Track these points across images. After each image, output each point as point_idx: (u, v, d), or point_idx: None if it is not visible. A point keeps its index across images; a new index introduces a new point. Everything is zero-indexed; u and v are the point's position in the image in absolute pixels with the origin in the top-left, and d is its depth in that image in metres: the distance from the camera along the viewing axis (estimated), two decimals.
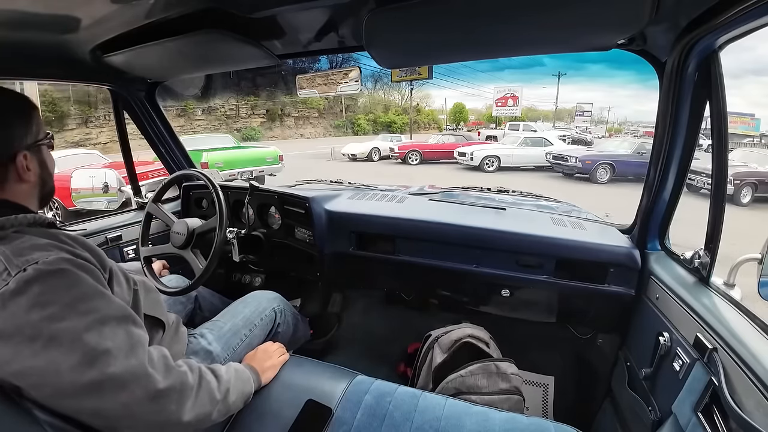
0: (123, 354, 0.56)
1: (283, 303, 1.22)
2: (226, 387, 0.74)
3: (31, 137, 0.66)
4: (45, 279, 0.54)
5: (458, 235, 1.33)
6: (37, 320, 0.52)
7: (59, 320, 0.53)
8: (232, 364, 0.85)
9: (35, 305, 0.52)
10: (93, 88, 8.62)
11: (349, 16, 0.90)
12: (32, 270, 0.53)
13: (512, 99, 20.73)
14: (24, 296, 0.52)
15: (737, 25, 0.67)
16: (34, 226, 0.63)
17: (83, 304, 0.56)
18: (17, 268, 0.53)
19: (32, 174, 0.66)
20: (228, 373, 0.78)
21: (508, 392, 1.13)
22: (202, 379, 0.68)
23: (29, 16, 0.78)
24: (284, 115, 28.52)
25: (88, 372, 0.53)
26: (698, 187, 6.12)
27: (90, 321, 0.55)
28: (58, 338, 0.52)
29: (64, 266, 0.56)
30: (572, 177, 9.95)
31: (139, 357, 0.58)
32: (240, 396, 0.80)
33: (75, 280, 0.56)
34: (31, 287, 0.52)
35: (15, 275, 0.53)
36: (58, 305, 0.53)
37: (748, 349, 0.66)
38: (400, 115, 33.85)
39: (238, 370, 0.83)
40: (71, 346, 0.53)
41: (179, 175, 1.48)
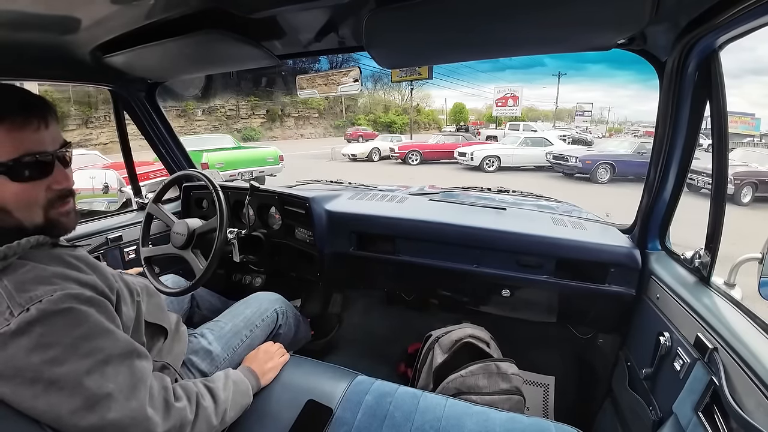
0: (124, 396, 0.56)
1: (285, 304, 1.22)
2: (224, 408, 0.74)
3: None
4: (48, 319, 0.51)
5: (458, 235, 1.33)
6: (38, 363, 0.50)
7: (60, 364, 0.51)
8: (231, 374, 0.83)
9: (37, 347, 0.50)
10: (93, 89, 8.63)
11: (349, 17, 0.90)
12: (35, 310, 0.51)
13: (512, 99, 20.73)
14: (25, 337, 0.50)
15: (737, 24, 0.67)
16: (38, 248, 0.58)
17: (86, 345, 0.54)
18: (20, 307, 0.51)
19: None
20: (226, 390, 0.77)
21: (508, 392, 1.13)
22: (199, 408, 0.68)
23: (29, 17, 0.78)
24: (284, 116, 28.54)
25: (88, 417, 0.52)
26: (699, 187, 6.11)
27: (92, 363, 0.54)
28: (59, 383, 0.51)
29: (69, 305, 0.53)
30: (572, 177, 9.95)
31: (140, 398, 0.57)
32: (238, 409, 0.80)
33: (80, 318, 0.54)
34: (34, 328, 0.50)
35: (17, 315, 0.50)
36: (60, 347, 0.52)
37: (748, 348, 0.66)
38: (401, 115, 33.86)
39: (236, 382, 0.82)
40: (72, 391, 0.52)
41: (179, 175, 1.48)
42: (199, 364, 0.90)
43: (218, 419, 0.71)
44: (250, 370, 0.91)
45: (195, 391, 0.70)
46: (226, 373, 0.82)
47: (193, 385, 0.72)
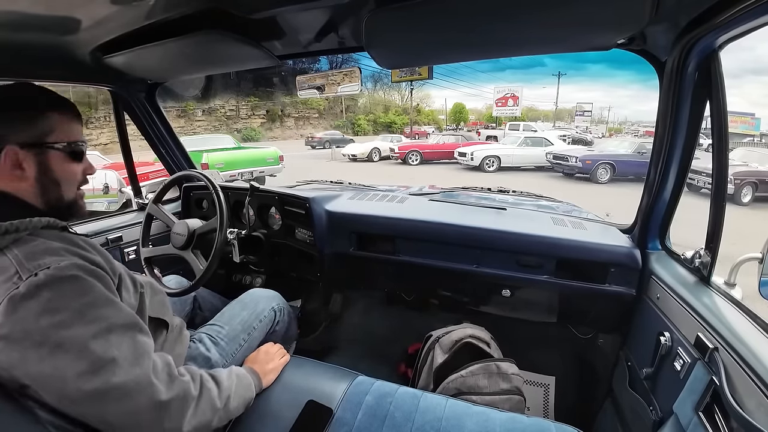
0: (128, 363, 0.57)
1: (281, 301, 1.21)
2: (227, 394, 0.74)
3: (32, 135, 0.63)
4: (56, 285, 0.54)
5: (458, 235, 1.33)
6: (46, 326, 0.52)
7: (67, 327, 0.53)
8: (234, 368, 0.84)
9: (45, 311, 0.52)
10: (93, 89, 8.64)
11: (349, 17, 0.90)
12: (43, 275, 0.53)
13: (512, 99, 20.74)
14: (34, 301, 0.52)
15: (737, 24, 0.67)
16: (47, 228, 0.62)
17: (92, 312, 0.56)
18: (29, 272, 0.53)
19: (26, 174, 0.63)
20: (230, 380, 0.78)
21: (508, 392, 1.13)
22: (203, 388, 0.69)
23: (29, 18, 0.78)
24: (284, 116, 28.57)
25: (93, 380, 0.54)
26: (699, 187, 6.11)
27: (97, 329, 0.55)
28: (65, 345, 0.53)
29: (75, 272, 0.56)
30: (573, 177, 9.94)
31: (144, 366, 0.59)
32: (241, 402, 0.80)
33: (85, 287, 0.57)
34: (42, 292, 0.52)
35: (26, 279, 0.53)
36: (67, 312, 0.54)
37: (749, 348, 0.66)
38: (401, 115, 33.90)
39: (239, 376, 0.83)
40: (78, 354, 0.53)
41: (180, 175, 1.48)
42: None
43: (221, 403, 0.71)
44: (252, 369, 0.91)
45: (199, 374, 0.71)
46: (229, 369, 0.83)
47: (197, 370, 0.72)
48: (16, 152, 0.61)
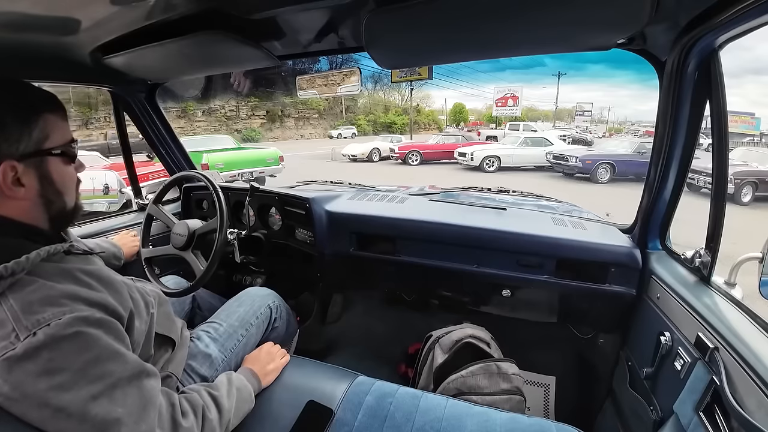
0: (133, 421, 0.54)
1: (277, 299, 1.21)
2: (228, 417, 0.74)
3: (28, 145, 0.55)
4: (56, 344, 0.49)
5: (459, 235, 1.33)
6: (45, 389, 0.49)
7: (68, 390, 0.50)
8: (235, 380, 0.82)
9: (43, 372, 0.49)
10: (93, 90, 8.66)
11: (349, 17, 0.90)
12: (42, 335, 0.49)
13: (512, 99, 20.74)
14: (32, 362, 0.48)
15: (737, 24, 0.67)
16: (49, 260, 0.56)
17: (96, 369, 0.52)
18: (27, 330, 0.49)
19: (27, 190, 0.56)
20: (230, 399, 0.76)
21: (509, 392, 1.13)
22: (205, 422, 0.68)
23: (29, 18, 0.78)
24: (284, 116, 28.57)
25: None
26: (699, 187, 6.11)
27: (101, 387, 0.52)
28: (67, 410, 0.50)
29: (77, 329, 0.51)
30: (573, 177, 9.94)
31: (149, 421, 0.56)
32: (240, 416, 0.80)
33: (89, 341, 0.52)
34: (41, 353, 0.49)
35: (24, 340, 0.48)
36: (68, 373, 0.50)
37: (749, 348, 0.66)
38: (400, 115, 33.89)
39: (240, 389, 0.81)
40: (80, 418, 0.50)
41: (180, 176, 1.48)
42: (198, 368, 0.90)
43: (222, 428, 0.72)
44: (252, 372, 0.91)
45: (201, 405, 0.69)
46: (229, 379, 0.82)
47: (198, 396, 0.71)
48: (15, 167, 0.54)
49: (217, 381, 0.81)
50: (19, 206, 0.56)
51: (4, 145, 0.53)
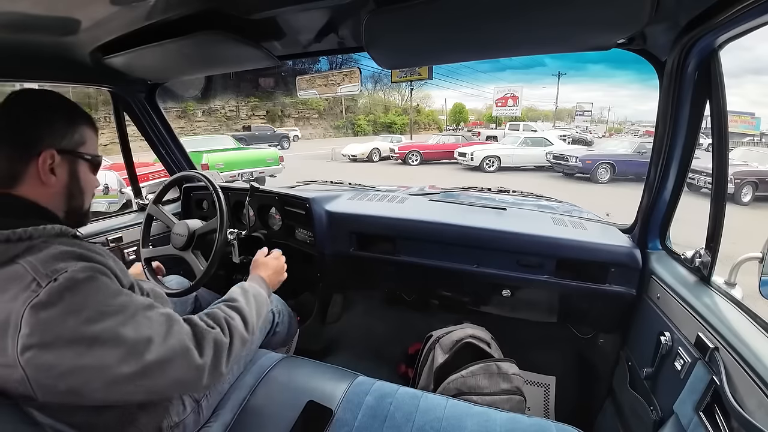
0: (161, 338, 0.59)
1: (280, 302, 1.22)
2: (252, 323, 0.77)
3: (69, 143, 0.65)
4: (75, 287, 0.54)
5: (459, 235, 1.33)
6: (75, 325, 0.53)
7: (96, 322, 0.54)
8: (249, 288, 0.85)
9: (69, 312, 0.53)
10: (93, 90, 8.60)
11: (349, 17, 0.90)
12: (63, 279, 0.53)
13: (512, 99, 20.73)
14: (57, 306, 0.52)
15: (737, 24, 0.68)
16: (60, 236, 0.61)
17: (113, 304, 0.57)
18: (47, 278, 0.53)
19: (57, 180, 0.64)
20: (249, 305, 0.79)
21: (509, 392, 1.13)
22: (231, 329, 0.71)
23: (29, 18, 0.78)
24: (284, 116, 28.56)
25: (133, 362, 0.56)
26: (699, 187, 6.11)
27: (124, 317, 0.57)
28: (100, 338, 0.54)
29: (91, 274, 0.57)
30: (573, 177, 9.94)
31: (176, 335, 0.61)
32: (261, 318, 0.83)
33: (102, 284, 0.58)
34: (63, 296, 0.53)
35: (45, 286, 0.52)
36: (91, 309, 0.55)
37: (749, 348, 0.66)
38: (400, 115, 33.86)
39: (257, 296, 0.84)
40: (114, 343, 0.55)
41: (180, 176, 1.48)
42: None
43: (249, 333, 0.75)
44: (261, 278, 0.95)
45: (222, 316, 0.72)
46: (243, 289, 0.84)
47: (219, 311, 0.74)
48: (54, 156, 0.62)
49: (231, 293, 0.83)
50: (46, 193, 0.63)
51: (50, 138, 0.63)
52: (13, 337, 0.51)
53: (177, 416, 0.80)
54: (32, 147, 0.61)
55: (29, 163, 0.61)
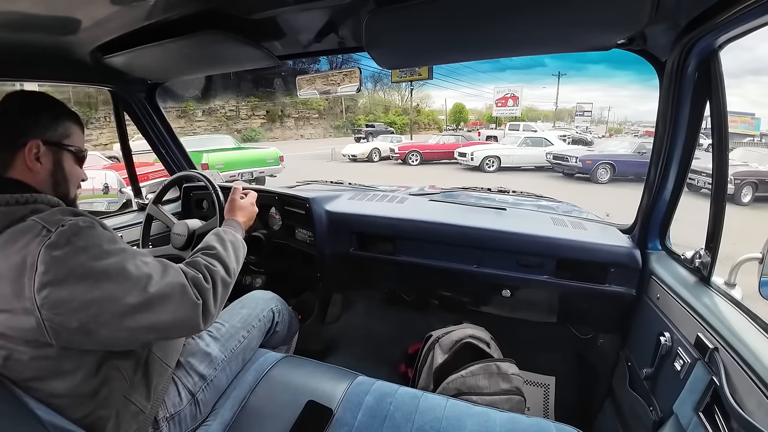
0: (159, 275, 0.67)
1: (280, 303, 1.22)
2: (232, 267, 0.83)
3: (54, 135, 0.72)
4: (81, 231, 0.61)
5: (458, 235, 1.33)
6: (84, 261, 0.60)
7: (103, 258, 0.61)
8: (225, 236, 0.89)
9: (79, 250, 0.60)
10: (93, 90, 8.62)
11: (349, 17, 0.90)
12: (69, 225, 0.61)
13: (512, 99, 20.73)
14: (67, 246, 0.59)
15: (737, 24, 0.68)
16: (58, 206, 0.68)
17: (115, 246, 0.65)
18: (55, 224, 0.60)
19: (42, 167, 0.70)
20: (226, 251, 0.84)
21: (509, 392, 1.13)
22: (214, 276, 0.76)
23: (29, 18, 0.78)
24: (284, 116, 28.55)
25: (139, 293, 0.62)
26: (699, 187, 6.11)
27: (125, 256, 0.64)
28: (107, 272, 0.61)
29: (91, 223, 0.64)
30: (573, 177, 9.94)
31: (173, 273, 0.69)
32: (240, 262, 0.89)
33: (102, 231, 0.65)
34: (71, 238, 0.60)
35: (55, 231, 0.59)
36: (97, 248, 0.62)
37: (749, 348, 0.66)
38: (400, 115, 33.88)
39: (233, 243, 0.89)
40: (120, 277, 0.62)
41: (180, 176, 1.48)
42: (197, 366, 0.90)
43: (231, 276, 0.81)
44: (238, 224, 1.02)
45: (202, 263, 0.77)
46: (219, 236, 0.88)
47: (200, 258, 0.79)
48: (39, 146, 0.69)
49: (208, 241, 0.86)
50: (35, 178, 0.70)
51: (35, 131, 0.70)
52: (30, 277, 0.56)
53: (173, 407, 0.81)
54: (19, 138, 0.68)
55: (17, 152, 0.68)
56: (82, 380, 0.64)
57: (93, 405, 0.65)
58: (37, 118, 0.71)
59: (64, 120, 0.75)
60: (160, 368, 0.79)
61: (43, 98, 0.74)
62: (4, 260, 0.58)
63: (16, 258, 0.57)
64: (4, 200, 0.62)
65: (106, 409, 0.67)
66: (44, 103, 0.74)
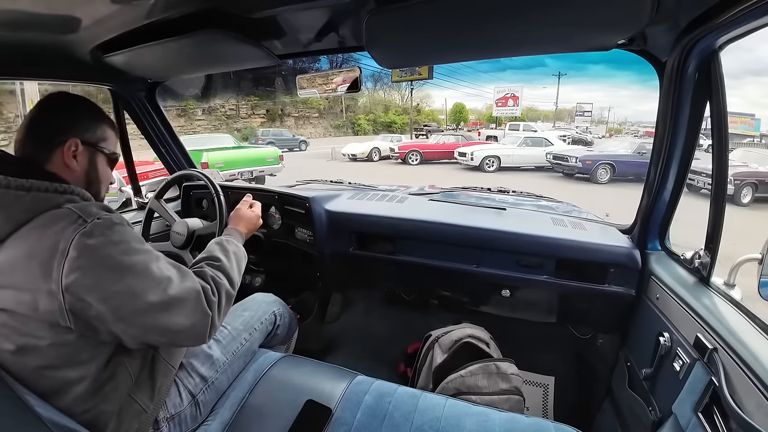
0: (179, 280, 0.69)
1: (282, 306, 1.23)
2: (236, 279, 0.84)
3: (92, 136, 0.76)
4: (114, 225, 0.65)
5: (458, 235, 1.33)
6: (116, 253, 0.63)
7: (132, 254, 0.65)
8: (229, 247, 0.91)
9: (111, 243, 0.63)
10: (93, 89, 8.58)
11: (349, 17, 0.90)
12: (103, 218, 0.64)
13: (512, 99, 20.72)
14: (101, 236, 0.62)
15: (737, 25, 0.68)
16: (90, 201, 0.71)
17: (142, 246, 0.68)
18: (91, 215, 0.63)
19: (78, 165, 0.73)
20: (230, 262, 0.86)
21: (508, 392, 1.13)
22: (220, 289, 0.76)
23: (29, 16, 0.78)
24: (284, 115, 28.52)
25: (157, 293, 0.65)
26: (698, 187, 6.11)
27: (150, 256, 0.68)
28: (134, 268, 0.64)
29: (122, 221, 0.68)
30: (572, 177, 9.94)
31: (191, 280, 0.71)
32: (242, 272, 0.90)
33: (131, 230, 0.68)
34: (105, 230, 0.63)
35: (90, 221, 0.62)
36: (127, 244, 0.65)
37: (748, 349, 0.66)
38: (401, 115, 33.85)
39: (236, 254, 0.91)
40: (144, 274, 0.64)
41: (179, 175, 1.48)
42: (199, 368, 0.90)
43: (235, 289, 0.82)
44: (240, 233, 1.04)
45: (210, 275, 0.78)
46: (223, 247, 0.90)
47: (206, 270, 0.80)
48: (77, 144, 0.73)
49: (212, 251, 0.88)
50: (71, 174, 0.73)
51: (76, 129, 0.74)
52: (60, 261, 0.59)
53: (173, 408, 0.81)
54: (60, 135, 0.71)
55: (56, 149, 0.71)
56: (96, 371, 0.65)
57: (97, 399, 0.65)
58: (78, 119, 0.75)
59: (102, 123, 0.79)
60: (165, 369, 0.79)
61: (84, 101, 0.78)
62: (38, 241, 0.60)
63: (50, 241, 0.60)
64: (44, 186, 0.64)
65: (109, 405, 0.67)
66: (85, 106, 0.78)
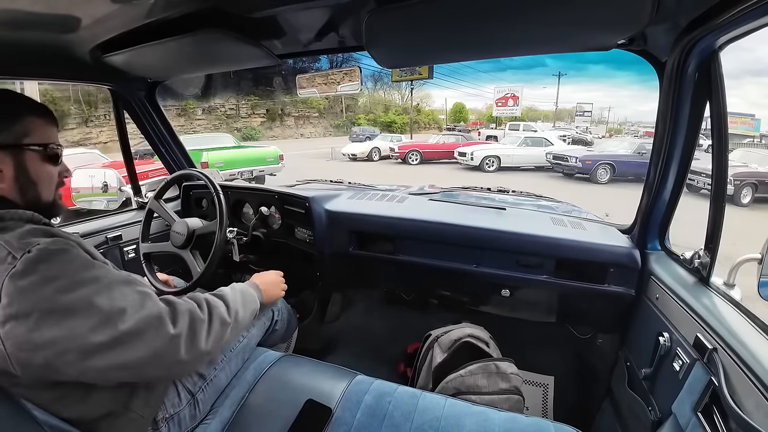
0: (134, 309, 0.60)
1: (280, 301, 1.22)
2: (235, 308, 0.80)
3: (8, 137, 0.64)
4: (49, 257, 0.56)
5: (458, 235, 1.33)
6: (50, 294, 0.54)
7: (70, 291, 0.56)
8: (236, 285, 0.90)
9: (45, 281, 0.55)
10: (93, 88, 8.61)
11: (349, 16, 0.90)
12: (36, 251, 0.56)
13: (512, 99, 20.70)
14: (33, 275, 0.54)
15: (737, 25, 0.67)
16: (31, 221, 0.64)
17: (88, 274, 0.59)
18: (21, 250, 0.55)
19: (3, 175, 0.64)
20: (234, 295, 0.83)
21: (507, 392, 1.13)
22: (211, 307, 0.73)
23: (29, 16, 0.78)
24: (284, 115, 28.52)
25: (106, 331, 0.56)
26: (698, 188, 6.11)
27: (98, 287, 0.58)
28: (73, 307, 0.55)
29: (63, 246, 0.59)
30: (572, 177, 9.94)
31: (150, 307, 0.62)
32: (249, 313, 0.86)
33: (75, 255, 0.59)
34: (38, 266, 0.55)
35: (21, 257, 0.55)
36: (66, 278, 0.56)
37: (748, 349, 0.66)
38: (401, 114, 33.84)
39: (243, 291, 0.88)
40: (87, 312, 0.56)
41: (179, 174, 1.48)
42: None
43: (231, 317, 0.76)
44: (255, 285, 0.99)
45: (203, 297, 0.75)
46: (231, 286, 0.88)
47: (201, 293, 0.77)
48: None
49: (219, 289, 0.86)
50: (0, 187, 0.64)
51: None
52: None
53: (172, 408, 0.81)
54: None
55: None
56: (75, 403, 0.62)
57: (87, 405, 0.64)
58: None
59: (22, 117, 0.66)
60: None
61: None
62: None
63: None
64: None
65: (103, 410, 0.66)
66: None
